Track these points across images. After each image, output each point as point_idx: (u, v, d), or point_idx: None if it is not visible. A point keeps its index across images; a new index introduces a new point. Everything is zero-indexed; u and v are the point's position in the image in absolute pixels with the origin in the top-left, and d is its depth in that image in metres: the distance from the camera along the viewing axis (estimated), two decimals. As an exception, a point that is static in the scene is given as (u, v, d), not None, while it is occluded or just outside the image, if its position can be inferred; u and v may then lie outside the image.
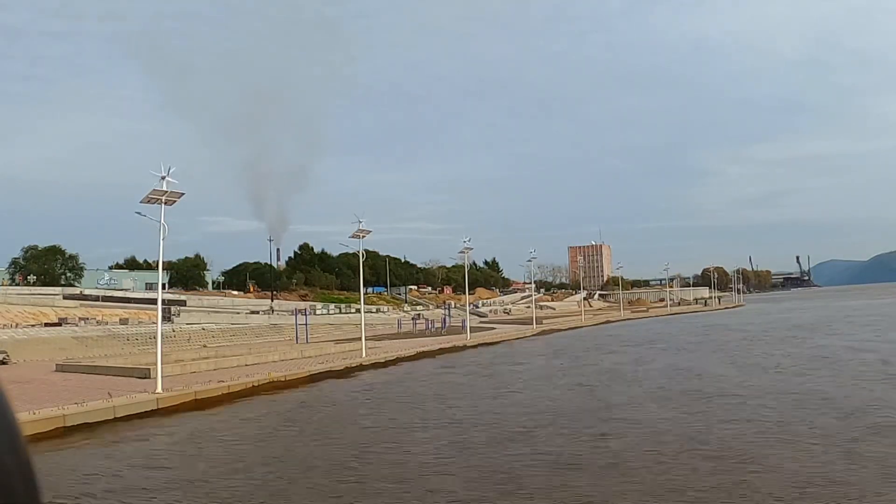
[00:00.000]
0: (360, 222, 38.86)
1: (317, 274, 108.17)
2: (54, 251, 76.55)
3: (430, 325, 63.41)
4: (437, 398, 23.97)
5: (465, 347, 46.91)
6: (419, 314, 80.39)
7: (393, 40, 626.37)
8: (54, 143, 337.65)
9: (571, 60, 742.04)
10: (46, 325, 50.68)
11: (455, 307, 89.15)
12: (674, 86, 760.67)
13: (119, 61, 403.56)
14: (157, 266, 27.45)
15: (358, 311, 54.70)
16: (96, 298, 65.61)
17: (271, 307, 77.19)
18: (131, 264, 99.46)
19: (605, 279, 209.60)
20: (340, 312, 79.38)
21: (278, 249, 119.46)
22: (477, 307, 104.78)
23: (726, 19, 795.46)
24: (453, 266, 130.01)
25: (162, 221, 24.62)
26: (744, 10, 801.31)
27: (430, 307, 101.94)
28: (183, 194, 25.53)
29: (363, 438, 17.43)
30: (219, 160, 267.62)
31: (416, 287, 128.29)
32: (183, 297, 73.44)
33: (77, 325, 50.55)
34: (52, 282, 71.82)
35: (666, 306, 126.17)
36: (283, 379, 28.51)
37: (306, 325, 53.24)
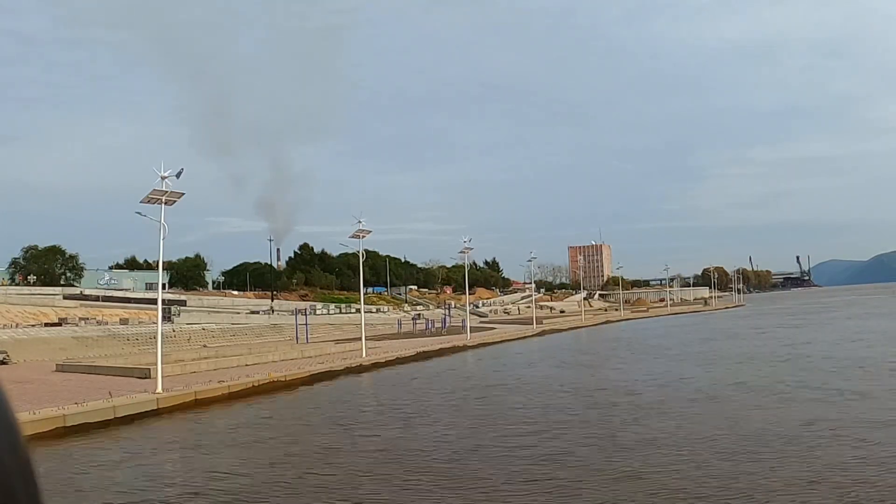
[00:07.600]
0: (360, 222, 38.85)
1: (317, 274, 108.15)
2: (54, 251, 76.48)
3: (430, 325, 63.35)
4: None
5: (465, 347, 46.90)
6: (419, 314, 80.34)
7: (399, 46, 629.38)
8: (64, 147, 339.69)
9: (573, 66, 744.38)
10: (46, 325, 50.64)
11: (455, 307, 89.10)
12: (674, 90, 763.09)
13: (130, 67, 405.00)
14: (158, 266, 27.44)
15: (358, 311, 54.66)
16: (96, 298, 65.57)
17: (271, 307, 77.16)
18: (131, 264, 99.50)
19: (606, 279, 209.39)
20: (340, 312, 79.35)
21: (278, 249, 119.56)
22: (477, 307, 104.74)
23: (725, 27, 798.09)
24: (453, 266, 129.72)
25: (162, 221, 24.59)
26: (742, 18, 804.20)
27: (431, 307, 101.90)
28: (183, 194, 25.49)
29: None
30: (223, 162, 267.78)
31: (416, 287, 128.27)
32: (183, 297, 73.42)
33: (77, 325, 50.51)
34: (52, 282, 71.74)
35: (666, 306, 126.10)
36: (283, 379, 28.50)
37: (306, 325, 53.25)
